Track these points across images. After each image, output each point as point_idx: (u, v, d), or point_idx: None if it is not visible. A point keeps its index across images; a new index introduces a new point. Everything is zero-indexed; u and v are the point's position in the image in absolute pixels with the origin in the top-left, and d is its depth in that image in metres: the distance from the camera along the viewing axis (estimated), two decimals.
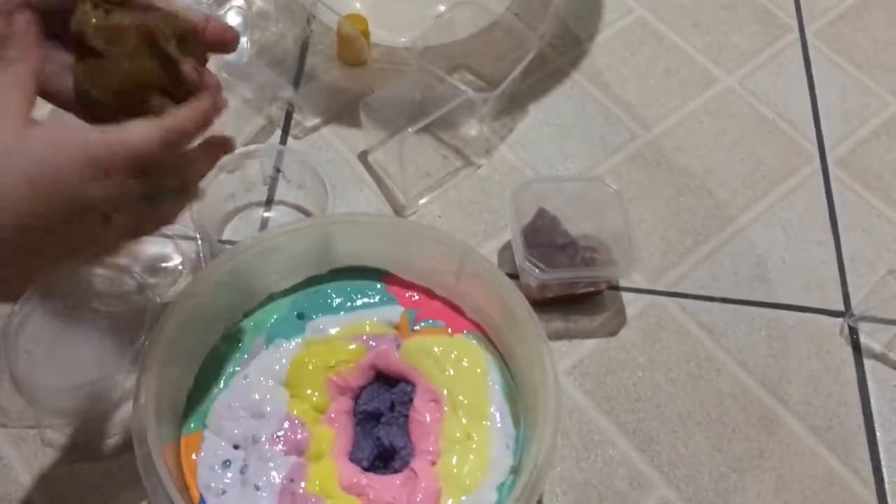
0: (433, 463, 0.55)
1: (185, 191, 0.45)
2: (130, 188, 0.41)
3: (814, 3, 0.90)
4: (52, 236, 0.39)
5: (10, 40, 0.40)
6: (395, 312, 0.62)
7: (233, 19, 0.79)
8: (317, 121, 0.77)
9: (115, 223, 0.41)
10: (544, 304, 0.66)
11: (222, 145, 0.47)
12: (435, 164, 0.75)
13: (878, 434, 0.64)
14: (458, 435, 0.56)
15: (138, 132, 0.40)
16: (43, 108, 0.43)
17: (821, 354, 0.68)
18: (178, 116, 0.42)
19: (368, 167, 0.75)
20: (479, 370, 0.59)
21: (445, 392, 0.57)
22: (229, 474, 0.53)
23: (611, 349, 0.67)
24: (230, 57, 0.76)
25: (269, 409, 0.56)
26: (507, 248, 0.70)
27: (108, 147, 0.39)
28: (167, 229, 0.68)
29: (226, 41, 0.46)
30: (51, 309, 0.63)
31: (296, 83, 0.79)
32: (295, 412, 0.56)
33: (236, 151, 0.69)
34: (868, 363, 0.67)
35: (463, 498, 0.53)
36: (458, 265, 0.60)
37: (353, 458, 0.55)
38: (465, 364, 0.59)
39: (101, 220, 0.40)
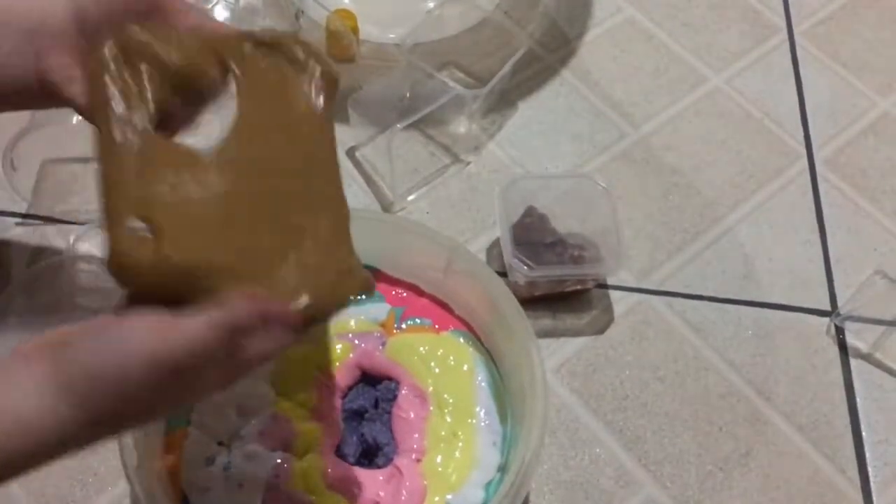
0: (418, 461, 0.54)
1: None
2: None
3: (802, 3, 0.90)
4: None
5: None
6: (382, 310, 0.61)
7: (220, 14, 0.78)
8: None
9: (205, 380, 0.39)
10: (532, 301, 0.66)
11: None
12: (423, 161, 0.75)
13: (863, 433, 0.64)
14: (443, 433, 0.55)
15: (192, 329, 0.37)
16: None
17: (807, 354, 0.68)
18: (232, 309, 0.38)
19: (356, 163, 0.74)
20: (465, 368, 0.59)
21: (431, 390, 0.57)
22: (213, 471, 0.52)
23: (598, 347, 0.67)
24: None
25: (254, 405, 0.55)
26: (496, 245, 0.70)
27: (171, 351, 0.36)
28: None
29: None
30: (33, 304, 0.63)
31: None
32: (281, 409, 0.55)
33: None
34: (854, 363, 0.68)
35: (449, 496, 0.53)
36: (446, 262, 0.60)
37: (339, 455, 0.55)
38: (451, 362, 0.58)
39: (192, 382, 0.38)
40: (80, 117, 0.44)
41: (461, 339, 0.60)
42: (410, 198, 0.73)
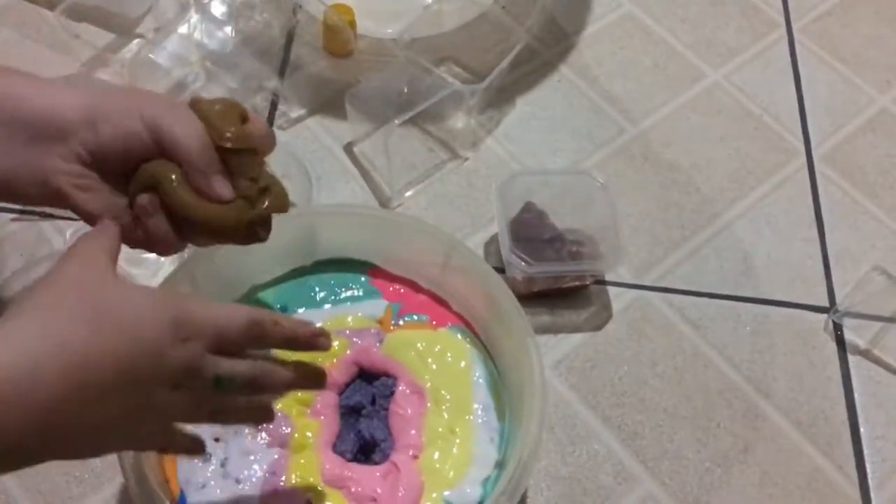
0: (415, 457, 0.54)
1: (256, 399, 0.45)
2: (205, 364, 0.40)
3: None
4: (116, 398, 0.37)
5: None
6: (379, 307, 0.61)
7: (217, 8, 0.78)
8: (302, 111, 0.76)
9: (181, 398, 0.39)
10: (530, 297, 0.66)
11: (313, 377, 0.46)
12: (421, 157, 0.75)
13: (861, 429, 0.64)
14: (440, 430, 0.55)
15: (227, 309, 0.41)
16: None
17: (805, 350, 0.68)
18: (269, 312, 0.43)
19: (354, 159, 0.74)
20: (462, 364, 0.58)
21: (428, 386, 0.57)
22: (210, 467, 0.52)
23: (597, 343, 0.66)
24: (214, 46, 0.76)
25: None
26: (494, 241, 0.70)
27: (192, 313, 0.39)
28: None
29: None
30: None
31: (281, 73, 0.78)
32: (278, 405, 0.55)
33: None
34: (852, 359, 0.68)
35: (446, 493, 0.53)
36: (444, 258, 0.60)
37: (337, 451, 0.55)
38: (448, 358, 0.58)
39: (170, 388, 0.39)
40: None
41: (459, 336, 0.60)
42: (408, 193, 0.72)
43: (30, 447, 0.35)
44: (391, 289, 0.62)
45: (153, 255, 0.65)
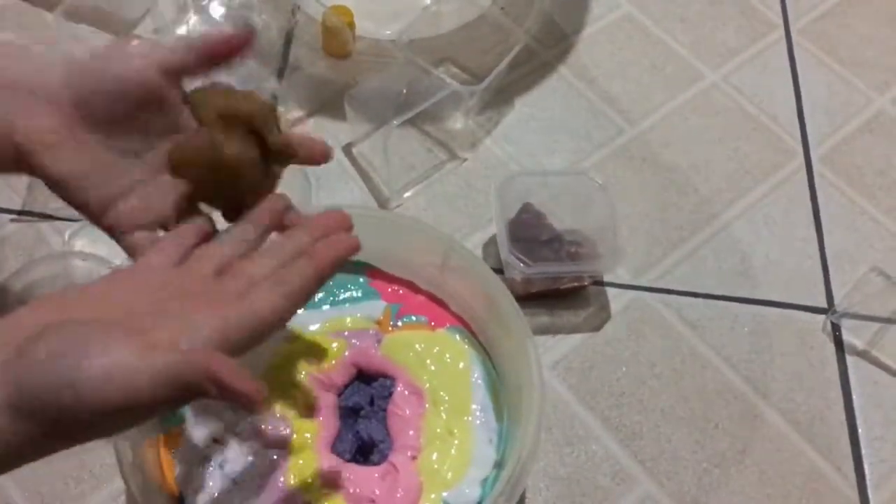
0: (413, 458, 0.54)
1: None
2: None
3: (799, 0, 0.90)
4: None
5: None
6: (378, 308, 0.61)
7: (216, 9, 0.78)
8: (301, 113, 0.76)
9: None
10: (528, 298, 0.66)
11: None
12: (420, 157, 0.75)
13: (859, 430, 0.64)
14: (438, 431, 0.55)
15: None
16: None
17: (804, 351, 0.68)
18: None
19: (353, 160, 0.74)
20: (461, 365, 0.58)
21: (427, 387, 0.57)
22: (208, 469, 0.52)
23: (595, 344, 0.66)
24: None
25: None
26: (492, 242, 0.70)
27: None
28: None
29: (315, 157, 0.47)
30: (28, 300, 0.62)
31: (280, 74, 0.78)
32: (277, 406, 0.55)
33: None
34: (850, 360, 0.68)
35: (445, 493, 0.53)
36: (443, 259, 0.60)
37: (335, 452, 0.55)
38: (447, 359, 0.58)
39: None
40: None
41: (457, 337, 0.60)
42: (407, 194, 0.73)
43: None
44: (390, 290, 0.62)
45: None
